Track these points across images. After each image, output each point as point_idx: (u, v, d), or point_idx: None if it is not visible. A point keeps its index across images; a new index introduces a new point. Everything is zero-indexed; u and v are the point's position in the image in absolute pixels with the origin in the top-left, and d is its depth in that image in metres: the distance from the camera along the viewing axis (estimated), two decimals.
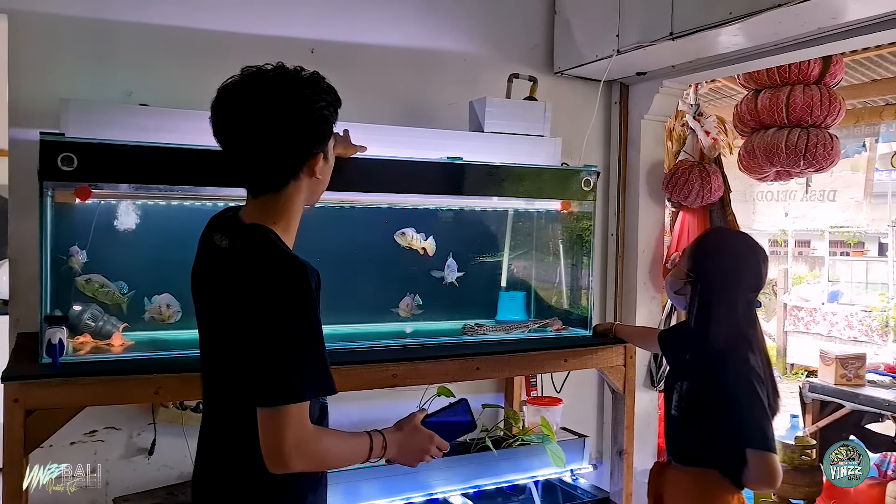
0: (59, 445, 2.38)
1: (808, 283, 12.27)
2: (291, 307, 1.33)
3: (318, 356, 1.37)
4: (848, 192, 8.05)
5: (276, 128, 1.39)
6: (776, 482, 1.89)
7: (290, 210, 1.48)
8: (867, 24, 2.40)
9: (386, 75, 2.95)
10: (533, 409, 2.93)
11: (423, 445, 1.58)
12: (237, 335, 1.37)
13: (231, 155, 1.44)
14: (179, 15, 2.59)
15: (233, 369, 1.41)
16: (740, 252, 2.08)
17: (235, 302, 1.37)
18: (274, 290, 1.33)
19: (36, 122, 2.26)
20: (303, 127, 1.41)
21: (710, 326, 2.00)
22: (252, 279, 1.35)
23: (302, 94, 1.40)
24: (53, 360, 1.96)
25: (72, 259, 2.21)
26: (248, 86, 1.40)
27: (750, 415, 1.90)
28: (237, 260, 1.41)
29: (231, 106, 1.41)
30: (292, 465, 1.33)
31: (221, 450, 1.49)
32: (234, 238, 1.45)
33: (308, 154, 1.45)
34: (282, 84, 1.40)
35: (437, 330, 2.72)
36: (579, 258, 2.90)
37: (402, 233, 2.70)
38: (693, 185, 3.38)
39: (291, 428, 1.31)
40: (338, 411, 1.54)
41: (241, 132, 1.41)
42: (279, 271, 1.35)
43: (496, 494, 2.71)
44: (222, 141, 1.44)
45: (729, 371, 1.94)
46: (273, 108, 1.38)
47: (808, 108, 3.28)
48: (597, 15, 3.02)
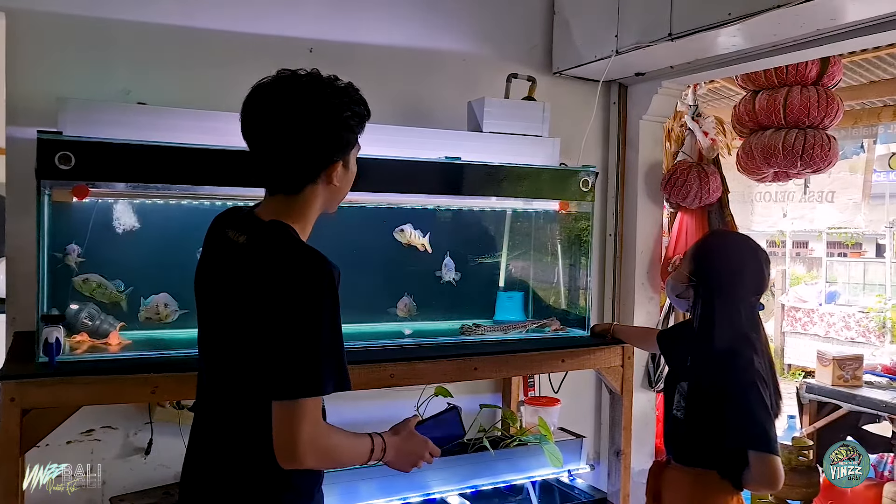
0: (55, 445, 2.38)
1: (806, 283, 12.28)
2: (318, 302, 1.34)
3: (338, 352, 1.38)
4: (846, 193, 8.06)
5: (301, 130, 1.41)
6: (778, 484, 1.89)
7: (306, 213, 1.50)
8: (866, 26, 2.40)
9: (384, 75, 2.94)
10: (530, 410, 2.92)
11: (418, 451, 1.59)
12: (254, 328, 1.37)
13: (254, 152, 1.46)
14: (178, 14, 2.58)
15: (242, 364, 1.41)
16: (742, 254, 2.07)
17: (255, 295, 1.37)
18: (302, 284, 1.34)
19: (33, 120, 2.26)
20: (326, 133, 1.43)
21: (714, 329, 2.00)
22: (278, 272, 1.36)
23: (331, 102, 1.43)
24: (50, 359, 1.95)
25: (68, 256, 2.20)
26: (280, 87, 1.43)
27: (753, 417, 1.90)
28: (260, 254, 1.41)
29: (260, 104, 1.43)
30: (305, 460, 1.34)
31: (222, 449, 1.48)
32: (253, 234, 1.45)
33: (328, 161, 1.46)
34: (312, 89, 1.43)
35: (435, 330, 2.72)
36: (577, 258, 2.90)
37: (400, 229, 2.71)
38: (691, 185, 3.38)
39: (307, 421, 1.32)
40: (334, 411, 1.53)
41: (266, 131, 1.43)
42: (308, 266, 1.36)
43: (493, 495, 2.71)
44: (248, 138, 1.46)
45: (732, 373, 1.94)
46: (300, 110, 1.41)
47: (805, 110, 3.28)
48: (596, 15, 3.02)
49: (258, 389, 1.36)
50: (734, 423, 1.91)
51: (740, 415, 1.91)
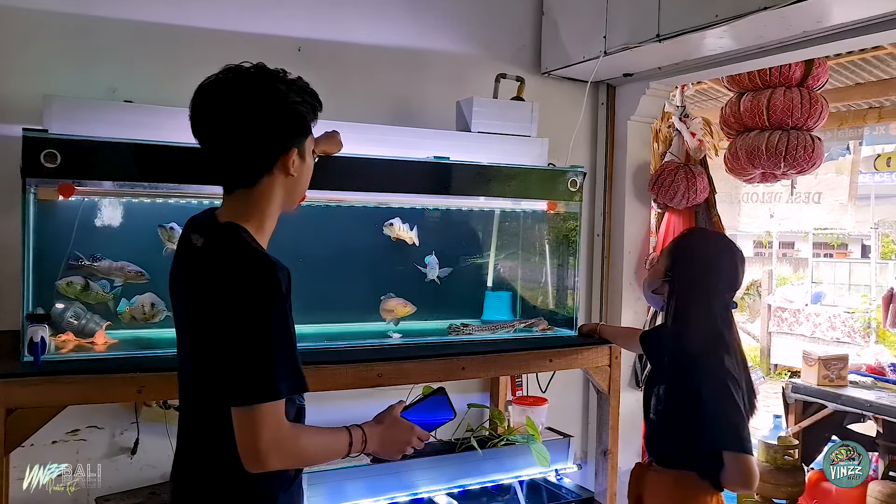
0: (40, 444, 2.36)
1: (792, 284, 12.37)
2: (260, 305, 1.32)
3: (289, 354, 1.36)
4: (833, 194, 8.10)
5: (248, 118, 1.39)
6: (753, 483, 1.90)
7: (264, 209, 1.47)
8: (851, 28, 2.42)
9: (373, 74, 2.94)
10: (518, 409, 2.93)
11: (405, 437, 1.58)
12: (210, 334, 1.37)
13: (207, 150, 1.44)
14: (164, 11, 2.57)
15: (204, 369, 1.41)
16: (718, 252, 2.09)
17: (208, 301, 1.37)
18: (243, 288, 1.32)
19: (19, 118, 2.24)
20: (275, 118, 1.41)
21: (688, 327, 2.02)
22: (222, 277, 1.35)
23: (276, 89, 1.41)
24: (35, 358, 1.94)
25: (83, 267, 2.22)
26: (225, 81, 1.41)
27: (724, 417, 1.91)
28: (209, 258, 1.40)
29: (207, 99, 1.41)
30: (269, 464, 1.33)
31: (196, 450, 1.48)
32: (208, 237, 1.45)
33: (281, 148, 1.44)
34: (257, 79, 1.41)
35: (422, 329, 2.72)
36: (565, 258, 2.91)
37: (389, 223, 2.70)
38: (679, 186, 3.40)
39: (267, 426, 1.30)
40: (321, 411, 1.53)
41: (214, 124, 1.41)
42: (248, 268, 1.34)
43: (481, 494, 2.71)
44: (200, 134, 1.44)
45: (703, 373, 1.95)
46: (246, 99, 1.39)
47: (787, 111, 3.31)
48: (584, 16, 3.03)
49: (218, 395, 1.35)
50: (707, 424, 1.92)
51: (712, 416, 1.92)
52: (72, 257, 2.22)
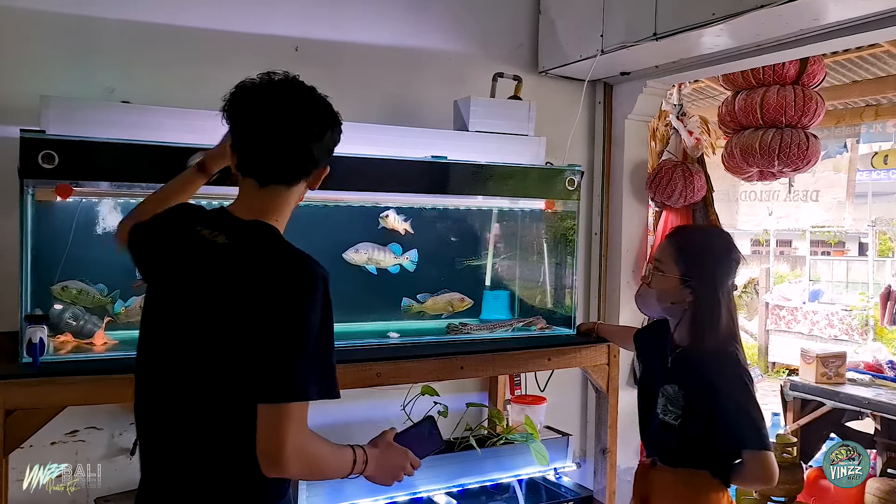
0: (39, 446, 2.36)
1: (790, 282, 12.38)
2: (312, 307, 1.34)
3: (328, 359, 1.38)
4: (831, 192, 8.12)
5: (320, 122, 1.47)
6: (774, 479, 1.90)
7: (285, 211, 1.51)
8: (848, 26, 2.42)
9: (370, 73, 2.94)
10: (517, 408, 2.93)
11: (400, 461, 1.59)
12: (239, 331, 1.34)
13: (265, 136, 1.44)
14: (162, 12, 2.57)
15: (221, 367, 1.38)
16: (721, 242, 2.10)
17: (243, 297, 1.35)
18: (295, 289, 1.34)
19: (16, 119, 2.24)
20: (333, 133, 1.51)
21: (713, 327, 1.98)
22: (269, 276, 1.35)
23: (335, 113, 1.52)
24: (34, 359, 1.94)
25: None
26: (303, 84, 1.49)
27: (745, 414, 1.91)
28: (246, 256, 1.40)
29: (287, 91, 1.45)
30: (289, 468, 1.32)
31: (196, 452, 1.43)
32: (235, 234, 1.44)
33: (325, 160, 1.52)
34: (323, 96, 1.52)
35: (421, 328, 2.72)
36: (563, 257, 2.92)
37: (384, 215, 2.70)
38: (676, 184, 3.40)
39: (294, 427, 1.30)
40: (320, 411, 1.53)
41: (289, 114, 1.43)
42: (301, 271, 1.36)
43: (480, 493, 2.72)
44: (258, 123, 1.44)
45: (720, 372, 1.95)
46: (323, 105, 1.48)
47: (781, 109, 3.30)
48: (581, 15, 3.03)
49: (238, 393, 1.34)
50: (727, 422, 1.91)
51: (734, 414, 1.91)
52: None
